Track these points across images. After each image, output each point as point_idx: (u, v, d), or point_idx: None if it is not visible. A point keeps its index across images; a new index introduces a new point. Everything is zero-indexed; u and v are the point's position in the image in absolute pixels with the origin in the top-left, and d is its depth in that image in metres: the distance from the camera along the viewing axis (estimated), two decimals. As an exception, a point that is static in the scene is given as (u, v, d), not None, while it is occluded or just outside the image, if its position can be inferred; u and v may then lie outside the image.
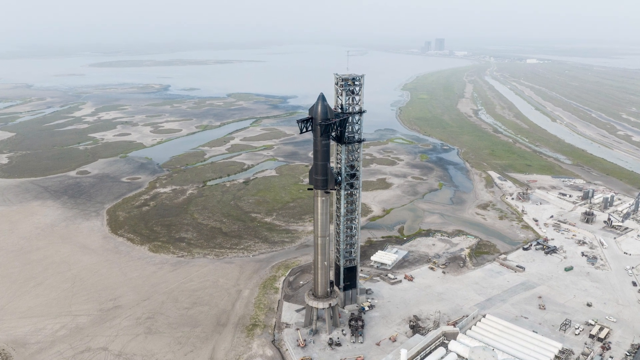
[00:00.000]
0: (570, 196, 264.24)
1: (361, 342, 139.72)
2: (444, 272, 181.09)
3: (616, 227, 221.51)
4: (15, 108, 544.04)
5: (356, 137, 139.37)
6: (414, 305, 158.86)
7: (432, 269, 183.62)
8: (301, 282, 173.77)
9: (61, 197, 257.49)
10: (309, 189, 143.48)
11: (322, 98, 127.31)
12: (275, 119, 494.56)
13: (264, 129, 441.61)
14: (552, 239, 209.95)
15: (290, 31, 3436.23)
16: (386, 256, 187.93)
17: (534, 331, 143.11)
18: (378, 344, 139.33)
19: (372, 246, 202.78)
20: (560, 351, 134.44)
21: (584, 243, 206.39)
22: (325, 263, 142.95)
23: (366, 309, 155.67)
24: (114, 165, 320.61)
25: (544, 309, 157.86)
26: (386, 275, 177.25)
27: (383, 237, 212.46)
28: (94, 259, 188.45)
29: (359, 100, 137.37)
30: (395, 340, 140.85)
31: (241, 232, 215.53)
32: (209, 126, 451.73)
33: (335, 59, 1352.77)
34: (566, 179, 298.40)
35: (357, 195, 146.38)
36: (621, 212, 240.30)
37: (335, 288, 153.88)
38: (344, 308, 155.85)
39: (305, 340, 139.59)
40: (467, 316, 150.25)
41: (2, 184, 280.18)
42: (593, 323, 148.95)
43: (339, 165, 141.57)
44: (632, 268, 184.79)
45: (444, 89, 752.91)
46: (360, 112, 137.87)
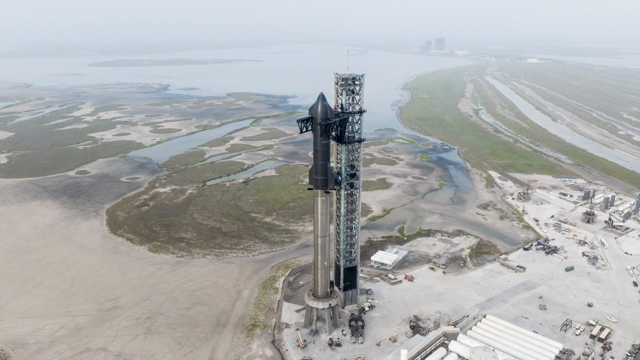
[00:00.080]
0: (571, 196, 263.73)
1: (361, 343, 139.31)
2: (444, 272, 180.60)
3: (617, 227, 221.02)
4: (14, 108, 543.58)
5: (356, 136, 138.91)
6: (415, 306, 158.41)
7: (432, 269, 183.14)
8: (301, 283, 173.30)
9: (60, 197, 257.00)
10: (309, 188, 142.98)
11: (322, 98, 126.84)
12: (275, 118, 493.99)
13: (263, 128, 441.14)
14: (553, 239, 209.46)
15: (290, 31, 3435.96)
16: (386, 256, 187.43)
17: (534, 331, 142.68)
18: (378, 345, 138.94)
19: (373, 246, 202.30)
20: (561, 351, 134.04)
21: (584, 243, 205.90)
22: (325, 263, 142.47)
23: (366, 309, 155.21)
24: (113, 165, 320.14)
25: (545, 309, 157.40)
26: (386, 275, 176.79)
27: (383, 237, 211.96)
28: (93, 259, 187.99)
29: (359, 99, 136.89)
30: (396, 341, 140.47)
31: (241, 232, 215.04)
32: (209, 126, 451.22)
33: (335, 58, 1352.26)
34: (567, 179, 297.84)
35: (357, 195, 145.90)
36: (622, 212, 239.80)
37: (335, 288, 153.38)
38: (344, 308, 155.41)
39: (305, 341, 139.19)
40: (467, 316, 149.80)
41: (1, 183, 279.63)
42: (594, 323, 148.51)
43: (339, 165, 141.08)
44: (633, 268, 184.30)
45: (445, 88, 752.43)
46: (361, 112, 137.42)
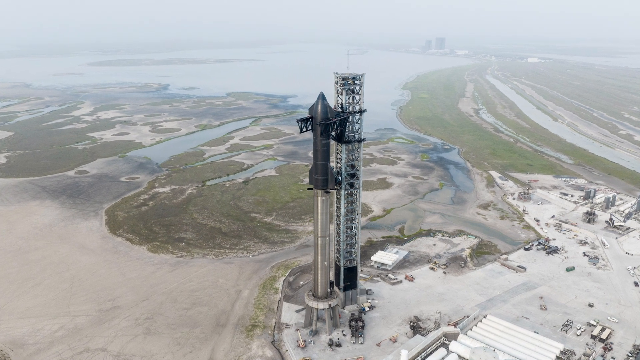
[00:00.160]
0: (572, 196, 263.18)
1: (361, 343, 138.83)
2: (444, 273, 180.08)
3: (618, 227, 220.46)
4: (13, 107, 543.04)
5: (356, 136, 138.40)
6: (415, 306, 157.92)
7: (432, 269, 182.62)
8: (301, 283, 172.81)
9: (59, 197, 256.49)
10: (309, 188, 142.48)
11: (322, 97, 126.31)
12: (275, 118, 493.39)
13: (263, 128, 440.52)
14: (554, 239, 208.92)
15: (290, 30, 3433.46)
16: (387, 256, 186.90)
17: (535, 332, 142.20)
18: (378, 345, 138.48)
19: (373, 246, 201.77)
20: (561, 352, 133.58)
21: (585, 243, 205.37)
22: (325, 263, 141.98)
23: (366, 309, 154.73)
24: (112, 164, 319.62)
25: (546, 309, 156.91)
26: (387, 275, 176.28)
27: (383, 237, 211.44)
28: (92, 259, 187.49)
29: (359, 99, 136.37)
30: (396, 341, 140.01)
31: (241, 232, 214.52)
32: (208, 125, 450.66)
33: (335, 57, 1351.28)
34: (568, 179, 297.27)
35: (358, 195, 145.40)
36: (623, 212, 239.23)
37: (336, 288, 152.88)
38: (344, 308, 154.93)
39: (305, 341, 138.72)
40: (468, 317, 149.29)
41: (0, 183, 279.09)
42: (595, 324, 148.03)
43: (339, 165, 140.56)
44: (634, 268, 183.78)
45: (445, 88, 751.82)
46: (361, 112, 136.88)
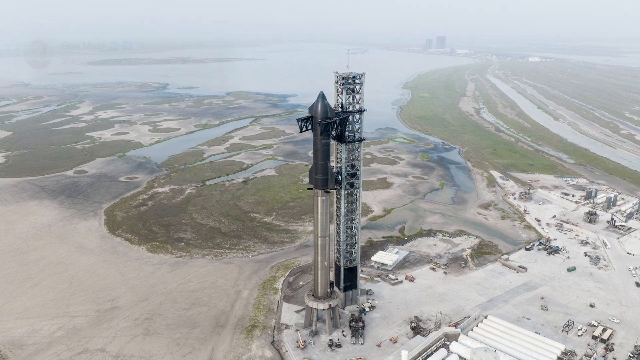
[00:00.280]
0: (573, 196, 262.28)
1: (361, 344, 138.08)
2: (445, 273, 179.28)
3: (619, 227, 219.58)
4: (11, 107, 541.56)
5: (356, 136, 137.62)
6: (415, 306, 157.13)
7: (433, 269, 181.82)
8: (301, 283, 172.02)
9: (58, 197, 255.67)
10: (308, 188, 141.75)
11: (322, 97, 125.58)
12: (275, 117, 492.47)
13: (263, 127, 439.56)
14: (555, 239, 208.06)
15: (290, 30, 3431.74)
16: (387, 256, 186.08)
17: (536, 332, 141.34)
18: (379, 345, 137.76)
19: (373, 246, 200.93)
20: (562, 352, 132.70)
21: (586, 243, 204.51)
22: (325, 263, 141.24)
23: (367, 309, 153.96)
24: (111, 164, 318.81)
25: (547, 309, 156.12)
26: (387, 275, 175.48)
27: (384, 237, 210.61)
28: (91, 260, 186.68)
29: (360, 98, 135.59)
30: (396, 342, 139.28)
31: (240, 232, 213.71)
32: (208, 125, 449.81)
33: (335, 57, 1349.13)
34: (569, 179, 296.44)
35: (358, 195, 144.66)
36: (624, 212, 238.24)
37: (336, 289, 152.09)
38: (344, 309, 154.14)
39: (305, 342, 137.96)
40: (468, 317, 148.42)
41: None
42: (596, 324, 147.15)
43: (339, 165, 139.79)
44: (636, 268, 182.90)
45: (445, 87, 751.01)
46: (361, 111, 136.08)
